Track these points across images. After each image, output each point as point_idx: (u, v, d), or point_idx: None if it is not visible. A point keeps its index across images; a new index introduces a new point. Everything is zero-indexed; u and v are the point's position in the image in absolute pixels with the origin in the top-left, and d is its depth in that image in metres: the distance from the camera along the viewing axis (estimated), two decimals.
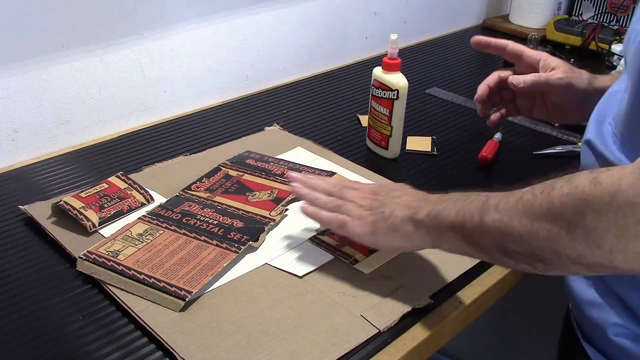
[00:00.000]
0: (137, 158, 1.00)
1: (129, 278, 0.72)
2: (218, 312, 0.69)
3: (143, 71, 1.11)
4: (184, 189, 0.90)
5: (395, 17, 1.53)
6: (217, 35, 1.19)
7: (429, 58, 1.48)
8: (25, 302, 0.71)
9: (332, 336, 0.67)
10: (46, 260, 0.77)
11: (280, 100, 1.23)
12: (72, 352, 0.65)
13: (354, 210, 0.72)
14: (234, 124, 1.12)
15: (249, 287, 0.73)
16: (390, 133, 1.01)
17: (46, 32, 0.97)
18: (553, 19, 1.59)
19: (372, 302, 0.71)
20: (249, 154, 1.00)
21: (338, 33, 1.42)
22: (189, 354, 0.64)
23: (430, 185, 0.96)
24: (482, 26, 1.74)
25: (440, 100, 1.26)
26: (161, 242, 0.78)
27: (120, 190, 0.88)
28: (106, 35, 1.04)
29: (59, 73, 1.00)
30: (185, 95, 1.19)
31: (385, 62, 0.98)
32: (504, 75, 0.92)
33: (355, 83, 1.32)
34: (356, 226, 0.71)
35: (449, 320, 0.72)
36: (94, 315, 0.69)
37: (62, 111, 1.03)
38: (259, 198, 0.88)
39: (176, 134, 1.09)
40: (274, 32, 1.29)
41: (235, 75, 1.26)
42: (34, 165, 0.98)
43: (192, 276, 0.72)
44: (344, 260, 0.77)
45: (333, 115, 1.17)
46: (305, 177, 0.79)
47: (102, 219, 0.82)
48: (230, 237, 0.79)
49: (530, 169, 1.00)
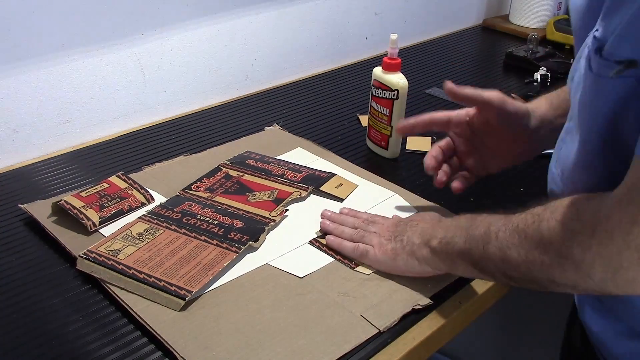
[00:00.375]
0: (137, 158, 1.00)
1: (129, 277, 0.72)
2: (218, 312, 0.69)
3: (143, 71, 1.11)
4: (184, 189, 0.90)
5: (395, 17, 1.53)
6: (217, 35, 1.19)
7: (429, 58, 1.48)
8: (25, 302, 0.71)
9: (332, 336, 0.67)
10: (46, 260, 0.77)
11: (280, 100, 1.23)
12: (72, 352, 0.65)
13: (375, 240, 0.76)
14: (234, 124, 1.12)
15: (249, 287, 0.73)
16: (390, 133, 1.01)
17: (46, 32, 0.97)
18: (553, 19, 1.59)
19: (372, 302, 0.71)
20: (249, 154, 1.00)
21: (338, 33, 1.42)
22: (189, 354, 0.64)
23: (430, 185, 0.95)
24: (482, 26, 1.74)
25: (440, 100, 1.26)
26: (161, 242, 0.78)
27: (121, 190, 0.88)
28: (106, 35, 1.04)
29: (59, 73, 1.00)
30: (185, 95, 1.19)
31: (385, 62, 0.98)
32: (438, 119, 0.86)
33: (355, 83, 1.32)
34: (377, 254, 0.75)
35: (449, 320, 0.72)
36: (94, 315, 0.69)
37: (62, 111, 1.03)
38: (259, 198, 0.89)
39: (176, 134, 1.09)
40: (274, 32, 1.29)
41: (235, 75, 1.26)
42: (34, 165, 0.98)
43: (192, 276, 0.72)
44: (345, 264, 0.77)
45: (333, 115, 1.17)
46: (334, 214, 0.84)
47: (102, 219, 0.82)
48: (230, 237, 0.79)
49: (530, 169, 0.99)
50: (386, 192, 0.92)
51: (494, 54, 1.54)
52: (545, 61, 1.40)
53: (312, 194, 0.91)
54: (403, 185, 0.94)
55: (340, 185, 0.93)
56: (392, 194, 0.92)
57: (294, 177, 0.93)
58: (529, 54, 1.43)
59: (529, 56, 1.42)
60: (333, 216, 0.83)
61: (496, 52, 1.55)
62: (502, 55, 1.49)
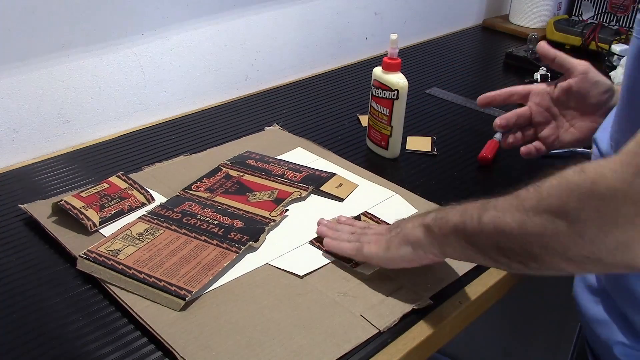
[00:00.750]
0: (137, 158, 1.00)
1: (129, 277, 0.72)
2: (218, 312, 0.69)
3: (143, 71, 1.11)
4: (185, 189, 0.90)
5: (395, 17, 1.53)
6: (217, 35, 1.19)
7: (429, 58, 1.48)
8: (25, 302, 0.71)
9: (332, 336, 0.67)
10: (46, 260, 0.77)
11: (280, 100, 1.23)
12: (72, 352, 0.65)
13: (372, 236, 0.76)
14: (234, 124, 1.13)
15: (249, 287, 0.73)
16: (390, 133, 1.01)
17: (46, 32, 0.97)
18: (553, 19, 1.59)
19: (372, 302, 0.71)
20: (249, 154, 1.00)
21: (338, 33, 1.42)
22: (189, 354, 0.64)
23: (430, 185, 0.96)
24: (482, 26, 1.74)
25: (440, 100, 1.26)
26: (161, 242, 0.78)
27: (121, 190, 0.88)
28: (106, 35, 1.04)
29: (59, 73, 1.00)
30: (185, 95, 1.19)
31: (385, 62, 0.98)
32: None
33: (355, 83, 1.32)
34: (372, 247, 0.74)
35: (449, 320, 0.72)
36: (94, 315, 0.69)
37: (62, 111, 1.03)
38: (259, 198, 0.89)
39: (176, 134, 1.09)
40: (274, 32, 1.29)
41: (235, 75, 1.26)
42: (34, 165, 0.98)
43: (193, 276, 0.72)
44: (345, 264, 0.77)
45: (333, 115, 1.17)
46: (330, 222, 0.83)
47: (102, 219, 0.82)
48: (230, 237, 0.79)
49: (530, 169, 0.99)
50: (387, 192, 0.92)
51: (494, 54, 1.54)
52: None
53: (312, 193, 0.91)
54: (403, 186, 0.94)
55: (341, 185, 0.93)
56: (392, 194, 0.92)
57: (294, 177, 0.93)
58: (529, 54, 1.43)
59: (529, 56, 1.42)
60: (329, 224, 0.83)
61: (496, 52, 1.55)
62: (502, 55, 1.49)
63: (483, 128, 1.14)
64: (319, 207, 0.88)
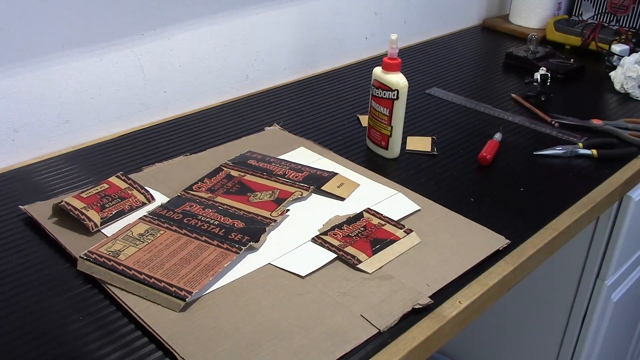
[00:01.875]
0: (137, 158, 1.00)
1: (129, 278, 0.72)
2: (218, 313, 0.69)
3: (143, 71, 1.11)
4: (185, 189, 0.90)
5: (395, 17, 1.53)
6: (217, 35, 1.19)
7: (429, 58, 1.48)
8: (25, 302, 0.71)
9: (332, 336, 0.67)
10: (46, 260, 0.77)
11: (280, 100, 1.23)
12: (72, 352, 0.65)
13: None
14: (234, 124, 1.13)
15: (249, 287, 0.73)
16: (390, 133, 1.01)
17: (46, 32, 0.97)
18: (553, 19, 1.59)
19: (372, 302, 0.71)
20: (250, 154, 1.01)
21: (338, 33, 1.42)
22: (189, 354, 0.64)
23: (430, 185, 0.96)
24: (482, 26, 1.74)
25: (440, 100, 1.26)
26: (162, 242, 0.78)
27: (121, 190, 0.88)
28: (106, 35, 1.04)
29: (59, 73, 1.00)
30: (185, 95, 1.19)
31: (385, 62, 0.98)
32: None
33: (355, 83, 1.32)
34: None
35: (449, 320, 0.72)
36: (94, 315, 0.69)
37: (62, 111, 1.03)
38: (260, 198, 0.89)
39: (176, 134, 1.09)
40: (274, 32, 1.29)
41: (235, 75, 1.26)
42: (34, 165, 0.98)
43: (193, 276, 0.72)
44: (348, 260, 0.77)
45: (333, 115, 1.17)
46: None
47: (104, 219, 0.82)
48: (231, 238, 0.79)
49: (530, 169, 1.00)
50: (389, 191, 0.92)
51: (494, 54, 1.54)
52: (545, 61, 1.40)
53: (314, 193, 0.91)
54: (403, 186, 0.94)
55: (342, 184, 0.93)
56: (394, 192, 0.92)
57: (295, 177, 0.93)
58: (529, 54, 1.43)
59: (529, 56, 1.42)
60: None
61: (496, 52, 1.55)
62: (502, 55, 1.49)
63: (483, 128, 1.14)
64: (320, 207, 0.88)
